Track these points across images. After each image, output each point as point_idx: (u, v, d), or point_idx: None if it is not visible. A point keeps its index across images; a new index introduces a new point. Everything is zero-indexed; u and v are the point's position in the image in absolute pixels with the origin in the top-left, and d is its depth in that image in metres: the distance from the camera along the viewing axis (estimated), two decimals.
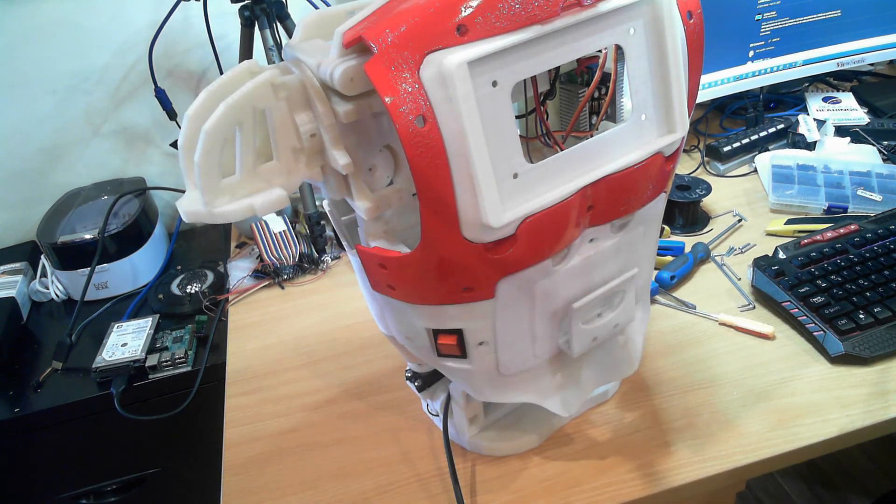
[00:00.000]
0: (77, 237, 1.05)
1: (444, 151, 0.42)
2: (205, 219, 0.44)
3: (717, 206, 0.99)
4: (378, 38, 0.40)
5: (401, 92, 0.40)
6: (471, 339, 0.52)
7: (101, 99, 1.18)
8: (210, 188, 0.43)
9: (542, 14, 0.44)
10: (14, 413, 0.91)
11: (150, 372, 0.93)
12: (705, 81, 1.10)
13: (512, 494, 0.61)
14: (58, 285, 1.10)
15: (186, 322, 0.99)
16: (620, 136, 0.51)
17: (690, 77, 0.53)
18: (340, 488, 0.64)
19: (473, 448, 0.66)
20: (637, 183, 0.53)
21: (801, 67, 1.15)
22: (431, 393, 0.66)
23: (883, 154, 1.05)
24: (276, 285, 0.96)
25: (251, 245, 1.06)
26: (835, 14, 1.12)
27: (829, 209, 0.94)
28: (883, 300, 0.74)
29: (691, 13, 0.51)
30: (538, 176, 0.47)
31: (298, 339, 0.85)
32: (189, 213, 0.44)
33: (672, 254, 0.88)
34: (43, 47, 1.12)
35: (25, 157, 1.18)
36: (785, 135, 1.12)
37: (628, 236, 0.57)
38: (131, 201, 1.13)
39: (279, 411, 0.74)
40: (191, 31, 1.16)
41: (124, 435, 0.98)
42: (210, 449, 0.77)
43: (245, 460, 0.68)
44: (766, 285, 0.80)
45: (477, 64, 0.42)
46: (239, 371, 0.81)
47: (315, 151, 0.47)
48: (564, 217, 0.49)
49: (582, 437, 0.66)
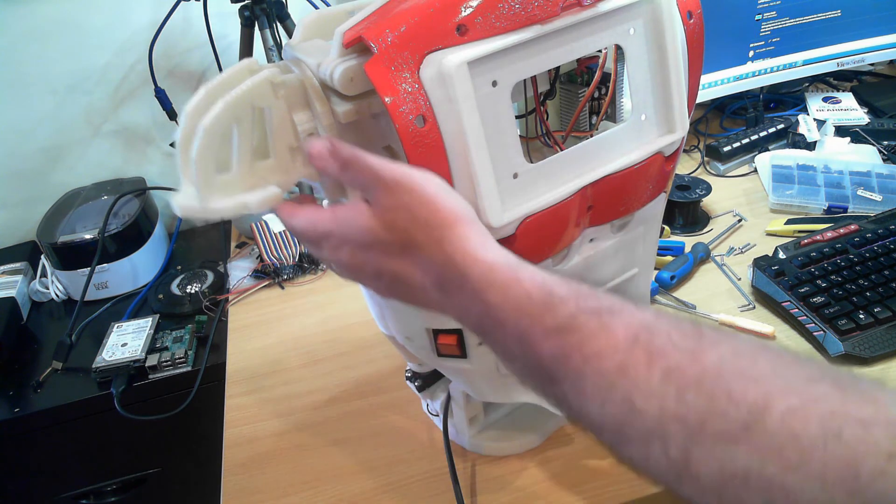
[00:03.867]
0: (77, 237, 1.05)
1: (444, 151, 0.42)
2: (199, 214, 0.43)
3: (717, 206, 0.99)
4: (378, 38, 0.40)
5: (401, 92, 0.40)
6: (471, 339, 0.52)
7: (101, 99, 1.18)
8: (205, 183, 0.43)
9: (542, 14, 0.44)
10: (14, 413, 0.91)
11: (150, 372, 0.93)
12: (705, 81, 1.10)
13: (512, 494, 0.61)
14: (58, 285, 1.10)
15: (186, 322, 0.99)
16: (620, 136, 0.51)
17: (690, 77, 0.53)
18: (340, 488, 0.64)
19: (473, 448, 0.66)
20: (637, 183, 0.53)
21: (801, 67, 1.15)
22: (431, 393, 0.66)
23: (883, 154, 1.05)
24: (276, 285, 0.96)
25: (251, 245, 1.06)
26: (835, 14, 1.12)
27: (829, 209, 0.94)
28: (883, 300, 0.74)
29: (691, 13, 0.51)
30: (538, 176, 0.47)
31: (298, 339, 0.85)
32: (183, 208, 0.43)
33: (672, 254, 0.88)
34: (43, 47, 1.12)
35: (25, 157, 1.18)
36: (785, 135, 1.12)
37: (628, 236, 0.57)
38: (131, 201, 1.13)
39: (279, 411, 0.74)
40: (191, 31, 1.16)
41: (124, 435, 0.98)
42: (210, 449, 0.77)
43: (245, 460, 0.68)
44: (766, 285, 0.80)
45: (477, 64, 0.42)
46: (239, 371, 0.81)
47: None
48: (564, 217, 0.49)
49: (582, 437, 0.66)
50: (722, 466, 0.30)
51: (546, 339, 0.35)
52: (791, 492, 0.28)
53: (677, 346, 0.33)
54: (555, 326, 0.35)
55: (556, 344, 0.35)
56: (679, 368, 0.32)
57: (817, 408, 0.29)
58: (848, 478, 0.27)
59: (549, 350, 0.35)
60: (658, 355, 0.33)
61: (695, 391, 0.31)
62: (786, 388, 0.30)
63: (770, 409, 0.29)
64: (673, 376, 0.32)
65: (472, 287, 0.38)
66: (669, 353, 0.33)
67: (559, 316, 0.35)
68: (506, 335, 0.37)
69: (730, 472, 0.30)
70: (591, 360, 0.34)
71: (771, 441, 0.29)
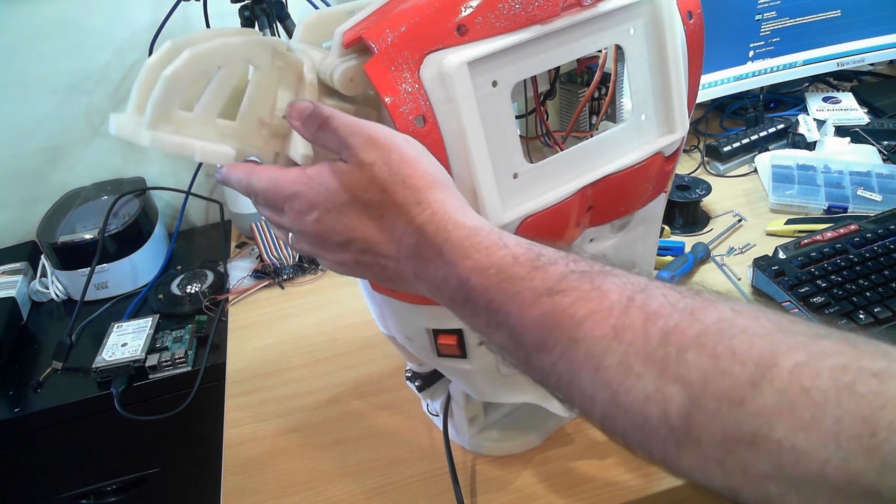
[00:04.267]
0: (77, 237, 1.05)
1: (444, 151, 0.42)
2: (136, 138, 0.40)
3: (717, 206, 0.99)
4: (378, 38, 0.40)
5: (401, 92, 0.40)
6: (471, 339, 0.52)
7: (101, 99, 1.18)
8: (161, 109, 0.39)
9: (542, 14, 0.44)
10: (14, 413, 0.91)
11: (150, 372, 0.93)
12: (705, 81, 1.10)
13: (512, 494, 0.61)
14: (58, 285, 1.10)
15: (186, 322, 0.99)
16: (620, 136, 0.51)
17: (690, 77, 0.53)
18: (340, 488, 0.64)
19: (473, 448, 0.66)
20: (637, 183, 0.53)
21: (801, 67, 1.15)
22: (431, 393, 0.66)
23: (883, 154, 1.05)
24: (276, 285, 0.96)
25: (251, 245, 1.06)
26: (835, 14, 1.12)
27: (829, 209, 0.94)
28: (883, 300, 0.74)
29: (691, 13, 0.51)
30: (538, 176, 0.47)
31: (298, 339, 0.85)
32: (120, 126, 0.40)
33: (672, 254, 0.88)
34: (43, 47, 1.11)
35: (25, 157, 1.18)
36: (785, 135, 1.12)
37: (628, 236, 0.57)
38: (131, 201, 1.13)
39: (279, 411, 0.74)
40: (191, 31, 1.15)
41: (124, 435, 0.98)
42: (210, 449, 0.77)
43: (245, 460, 0.68)
44: (766, 285, 0.80)
45: (477, 64, 0.42)
46: (239, 371, 0.81)
47: (278, 133, 0.45)
48: (564, 217, 0.49)
49: (582, 437, 0.66)
50: (726, 430, 0.28)
51: (535, 302, 0.33)
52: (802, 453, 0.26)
53: (675, 306, 0.31)
54: (545, 289, 0.33)
55: (545, 308, 0.32)
56: (678, 328, 0.30)
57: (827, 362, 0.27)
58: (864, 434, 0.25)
59: (538, 314, 0.33)
60: (655, 315, 0.30)
61: (696, 350, 0.29)
62: (793, 343, 0.28)
63: (778, 365, 0.27)
64: (672, 336, 0.30)
65: (453, 252, 0.35)
66: (667, 313, 0.30)
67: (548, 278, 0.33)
68: (489, 301, 0.34)
69: (735, 435, 0.27)
70: (583, 324, 0.31)
71: (780, 399, 0.26)
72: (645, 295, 0.32)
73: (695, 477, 0.30)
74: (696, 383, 0.29)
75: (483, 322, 0.36)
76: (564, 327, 0.32)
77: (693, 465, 0.29)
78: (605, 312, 0.31)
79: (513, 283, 0.34)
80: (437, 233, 0.36)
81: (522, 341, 0.34)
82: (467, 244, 0.35)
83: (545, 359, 0.33)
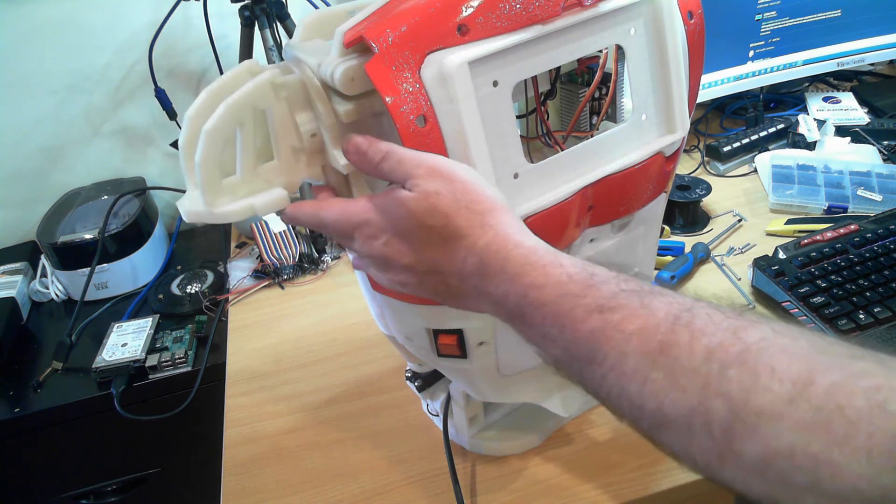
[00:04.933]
0: (77, 237, 1.05)
1: (445, 151, 0.42)
2: (206, 219, 0.44)
3: (717, 206, 0.99)
4: (379, 37, 0.40)
5: (401, 92, 0.40)
6: (471, 339, 0.52)
7: (101, 99, 1.18)
8: (211, 188, 0.43)
9: (543, 14, 0.44)
10: (14, 413, 0.91)
11: (150, 372, 0.93)
12: (705, 81, 1.10)
13: (512, 494, 0.61)
14: (58, 285, 1.10)
15: (186, 322, 0.99)
16: (621, 137, 0.51)
17: (691, 77, 0.53)
18: (340, 488, 0.64)
19: (473, 448, 0.66)
20: (637, 183, 0.53)
21: (801, 67, 1.15)
22: (431, 393, 0.66)
23: (883, 154, 1.05)
24: (276, 285, 0.96)
25: (251, 245, 1.05)
26: (835, 14, 1.12)
27: (829, 209, 0.94)
28: (883, 300, 0.74)
29: (692, 13, 0.51)
30: (538, 176, 0.47)
31: (298, 339, 0.85)
32: (190, 213, 0.44)
33: (672, 254, 0.88)
34: (43, 47, 1.11)
35: (25, 157, 1.18)
36: (785, 135, 1.12)
37: (628, 236, 0.57)
38: (131, 201, 1.13)
39: (279, 411, 0.74)
40: (191, 31, 1.15)
41: (124, 435, 0.98)
42: (210, 449, 0.77)
43: (245, 460, 0.68)
44: (766, 285, 0.80)
45: (478, 64, 0.42)
46: (239, 371, 0.81)
47: (316, 151, 0.47)
48: (565, 217, 0.49)
49: (582, 437, 0.66)
50: (766, 443, 0.29)
51: (588, 317, 0.35)
52: (837, 467, 0.28)
53: (719, 325, 0.33)
54: (596, 305, 0.35)
55: (597, 323, 0.35)
56: (722, 346, 0.32)
57: (861, 382, 0.29)
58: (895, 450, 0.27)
59: (590, 329, 0.35)
60: (700, 333, 0.33)
61: (738, 367, 0.31)
62: (829, 363, 0.30)
63: (815, 383, 0.29)
64: (716, 354, 0.32)
65: (513, 269, 0.38)
66: (711, 332, 0.33)
67: (600, 296, 0.36)
68: (545, 316, 0.37)
69: (774, 448, 0.29)
70: (633, 338, 0.34)
71: (816, 415, 0.28)
72: (691, 314, 0.34)
73: (737, 486, 0.31)
74: (738, 398, 0.30)
75: (539, 336, 0.38)
76: (615, 342, 0.35)
77: (735, 476, 0.31)
78: (653, 329, 0.34)
79: (567, 300, 0.36)
80: (499, 252, 0.39)
81: (575, 354, 0.37)
82: (525, 262, 0.38)
83: (596, 370, 0.36)
